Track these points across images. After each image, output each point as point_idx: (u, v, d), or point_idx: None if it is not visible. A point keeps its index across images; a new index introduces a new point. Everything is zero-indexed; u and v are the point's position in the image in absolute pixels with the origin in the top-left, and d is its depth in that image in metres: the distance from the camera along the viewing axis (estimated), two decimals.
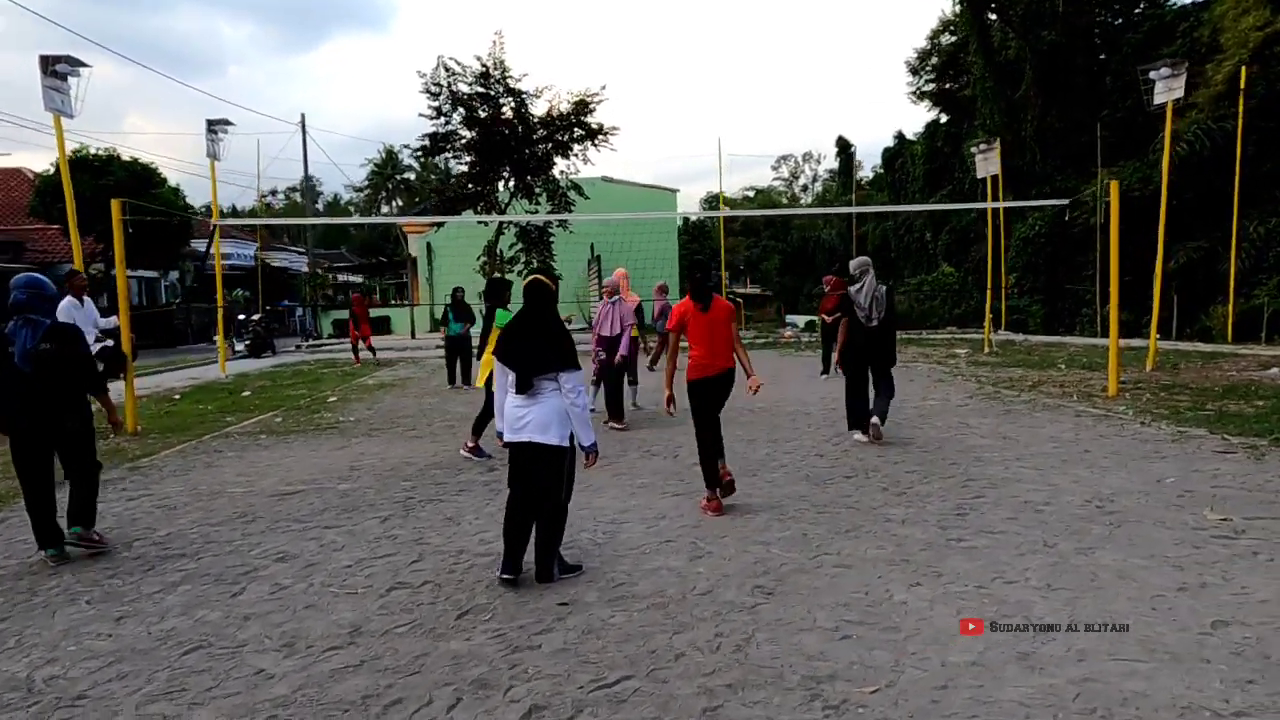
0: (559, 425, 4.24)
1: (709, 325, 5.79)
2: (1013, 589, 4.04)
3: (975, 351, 18.20)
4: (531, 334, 4.28)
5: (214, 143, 16.15)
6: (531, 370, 4.22)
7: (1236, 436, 7.51)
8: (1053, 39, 33.40)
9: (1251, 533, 4.77)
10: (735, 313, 6.01)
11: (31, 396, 4.84)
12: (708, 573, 4.42)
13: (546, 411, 4.24)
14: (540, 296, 4.36)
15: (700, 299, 5.77)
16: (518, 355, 4.26)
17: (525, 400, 4.28)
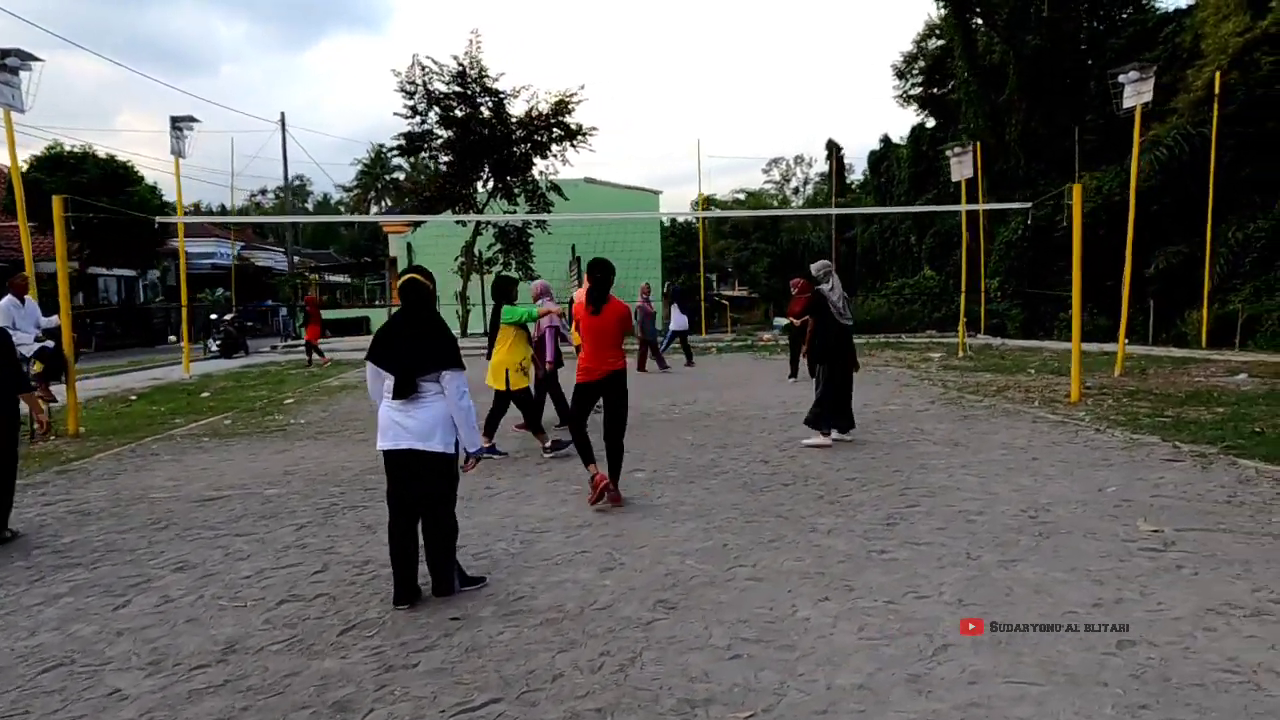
0: (443, 431, 4.04)
1: (598, 328, 5.72)
2: (923, 604, 3.89)
3: (950, 355, 18.11)
4: (410, 334, 4.04)
5: (179, 140, 15.92)
6: (413, 371, 4.00)
7: (1188, 444, 7.39)
8: (1037, 43, 33.40)
9: (1181, 545, 4.64)
10: (628, 317, 5.92)
11: None
12: (614, 586, 4.26)
13: (430, 416, 4.02)
14: (417, 295, 4.11)
15: (593, 301, 5.70)
16: (396, 357, 4.03)
17: (405, 405, 4.02)
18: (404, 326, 4.06)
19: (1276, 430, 7.77)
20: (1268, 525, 4.95)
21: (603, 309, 5.76)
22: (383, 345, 4.07)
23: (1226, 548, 4.56)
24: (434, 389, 4.05)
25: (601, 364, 5.75)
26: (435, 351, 4.02)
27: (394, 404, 4.02)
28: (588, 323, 5.78)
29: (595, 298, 5.76)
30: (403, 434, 4.00)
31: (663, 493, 6.21)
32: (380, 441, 4.06)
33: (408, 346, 4.02)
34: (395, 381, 3.99)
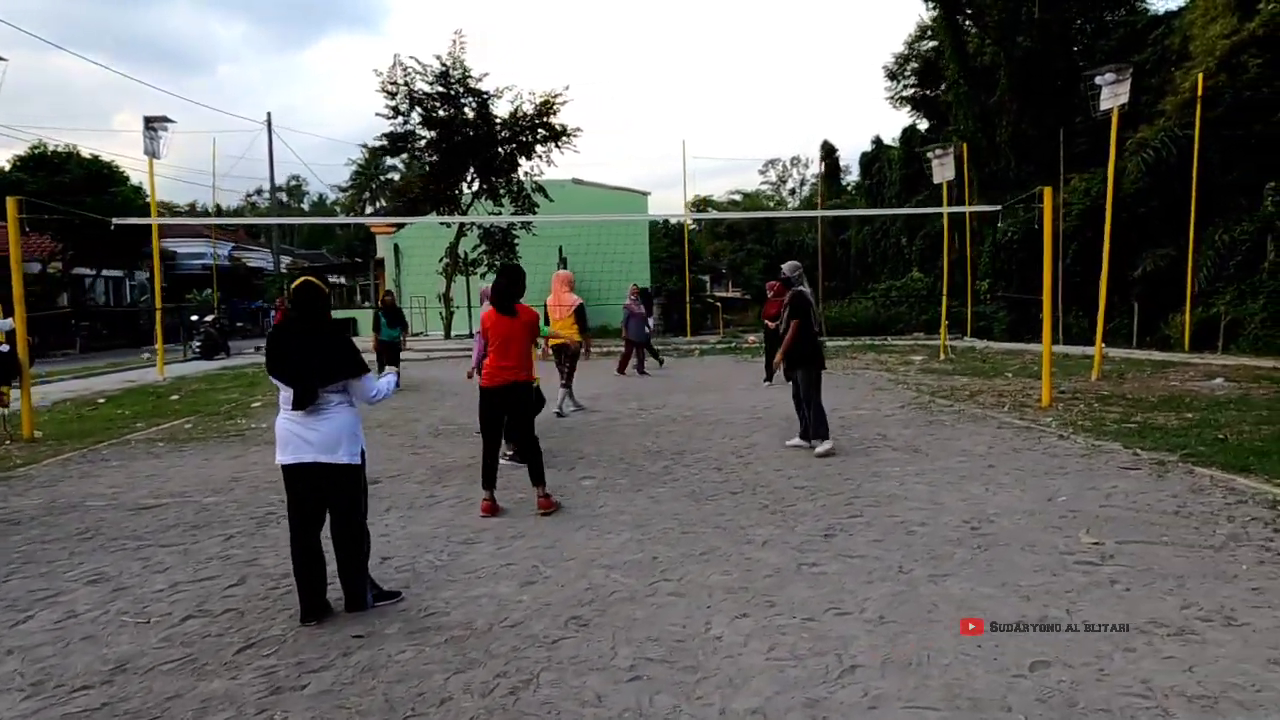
0: (349, 442, 3.92)
1: (507, 334, 5.69)
2: (841, 622, 3.78)
3: (931, 358, 17.99)
4: (307, 343, 3.86)
5: (152, 140, 15.80)
6: (315, 381, 3.85)
7: (1149, 451, 7.29)
8: (1028, 45, 33.35)
9: (1119, 558, 4.53)
10: (536, 326, 5.87)
11: None
12: (530, 601, 4.14)
13: (333, 428, 3.88)
14: (311, 300, 3.93)
15: (502, 306, 5.64)
16: (296, 368, 3.86)
17: (306, 417, 3.87)
18: (299, 335, 3.90)
19: (1240, 437, 7.67)
20: (1211, 538, 4.84)
21: (514, 314, 5.73)
22: (278, 356, 3.91)
23: (1165, 562, 4.45)
24: (337, 398, 3.93)
25: (506, 371, 5.70)
26: (336, 360, 3.89)
27: (293, 415, 3.89)
28: (498, 327, 5.73)
29: (503, 306, 5.71)
30: (305, 447, 3.87)
31: (606, 501, 6.10)
32: (280, 455, 3.93)
33: (306, 356, 3.85)
34: (295, 393, 3.85)
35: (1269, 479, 6.15)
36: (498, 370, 5.70)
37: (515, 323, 5.71)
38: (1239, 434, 7.86)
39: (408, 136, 22.67)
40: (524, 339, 5.74)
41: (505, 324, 5.71)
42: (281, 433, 3.91)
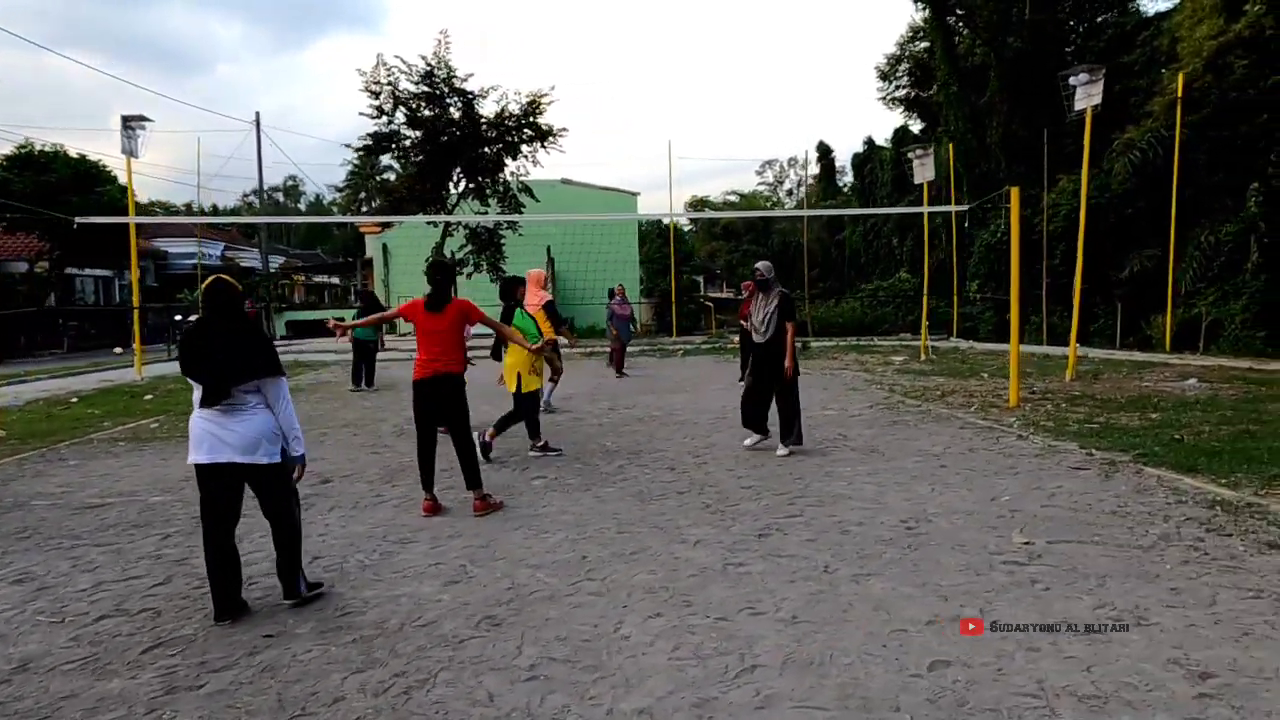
0: (269, 442, 3.91)
1: (432, 327, 5.76)
2: (753, 621, 3.77)
3: (912, 359, 17.98)
4: (222, 341, 3.85)
5: (130, 139, 15.77)
6: (229, 380, 3.83)
7: (1104, 451, 7.28)
8: (1018, 45, 33.37)
9: (1047, 558, 4.52)
10: (467, 318, 5.86)
11: None
12: (449, 601, 4.13)
13: (253, 428, 3.88)
14: (224, 299, 3.92)
15: (433, 302, 5.74)
16: (210, 364, 3.85)
17: (222, 417, 3.87)
18: (215, 335, 3.88)
19: (1198, 438, 7.66)
20: (1143, 538, 4.83)
21: (444, 309, 5.76)
22: (193, 353, 3.90)
23: (1091, 561, 4.44)
24: (254, 399, 3.92)
25: (435, 363, 5.75)
26: (254, 358, 3.88)
27: (209, 415, 3.88)
28: (423, 323, 5.78)
29: (435, 299, 5.75)
30: (221, 446, 3.86)
31: (552, 501, 6.08)
32: (194, 454, 3.92)
33: (223, 354, 3.84)
34: (206, 390, 3.84)
35: (1214, 479, 6.14)
36: (425, 363, 5.77)
37: (442, 317, 5.72)
38: (1198, 434, 7.85)
39: (392, 136, 22.63)
40: (451, 332, 5.75)
41: (431, 318, 5.74)
42: (197, 432, 3.89)
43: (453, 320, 5.76)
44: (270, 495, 3.98)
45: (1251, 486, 5.91)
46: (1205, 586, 4.03)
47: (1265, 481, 6.00)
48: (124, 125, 15.69)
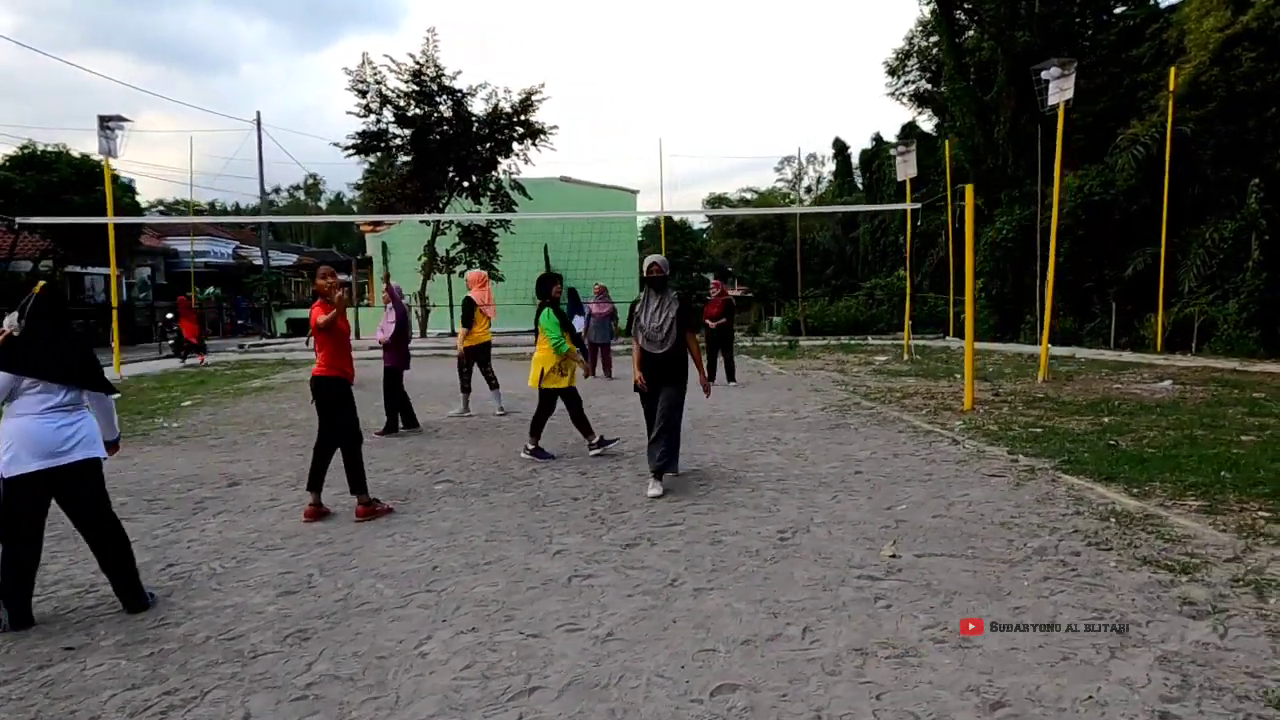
0: (99, 436, 4.07)
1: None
2: (565, 639, 3.63)
3: (896, 359, 17.69)
4: (61, 345, 3.94)
5: (108, 140, 15.90)
6: (74, 379, 3.95)
7: (1031, 457, 7.05)
8: (1026, 39, 32.77)
9: (907, 573, 4.34)
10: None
11: None
12: (274, 612, 4.04)
13: (91, 425, 4.02)
14: (53, 306, 4.00)
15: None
16: (57, 364, 3.90)
17: (65, 415, 3.91)
18: (53, 337, 3.94)
19: (1137, 444, 7.41)
20: (1019, 551, 4.64)
21: None
22: (34, 354, 3.88)
23: (950, 577, 4.26)
24: (76, 403, 3.96)
25: (329, 366, 5.73)
26: (91, 372, 4.02)
27: (28, 420, 3.84)
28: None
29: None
30: (35, 455, 3.83)
31: (440, 507, 5.99)
32: (11, 465, 3.85)
33: (66, 356, 3.93)
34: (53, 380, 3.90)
35: (1128, 488, 5.91)
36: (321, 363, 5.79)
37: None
38: (1139, 440, 7.60)
39: (381, 135, 22.69)
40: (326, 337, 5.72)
41: None
42: (43, 434, 3.85)
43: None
44: (95, 493, 4.10)
45: (1161, 496, 5.68)
46: (1050, 606, 3.84)
47: (1179, 491, 5.77)
48: (101, 125, 15.81)
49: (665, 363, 6.31)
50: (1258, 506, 5.33)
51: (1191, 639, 3.46)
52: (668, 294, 6.44)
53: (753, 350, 21.23)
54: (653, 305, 6.38)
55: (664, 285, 6.48)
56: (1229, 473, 6.16)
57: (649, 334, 6.32)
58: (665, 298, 6.40)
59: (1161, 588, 4.02)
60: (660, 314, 6.32)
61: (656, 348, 6.29)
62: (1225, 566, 4.29)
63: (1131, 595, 3.94)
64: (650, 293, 6.44)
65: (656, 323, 6.31)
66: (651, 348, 6.32)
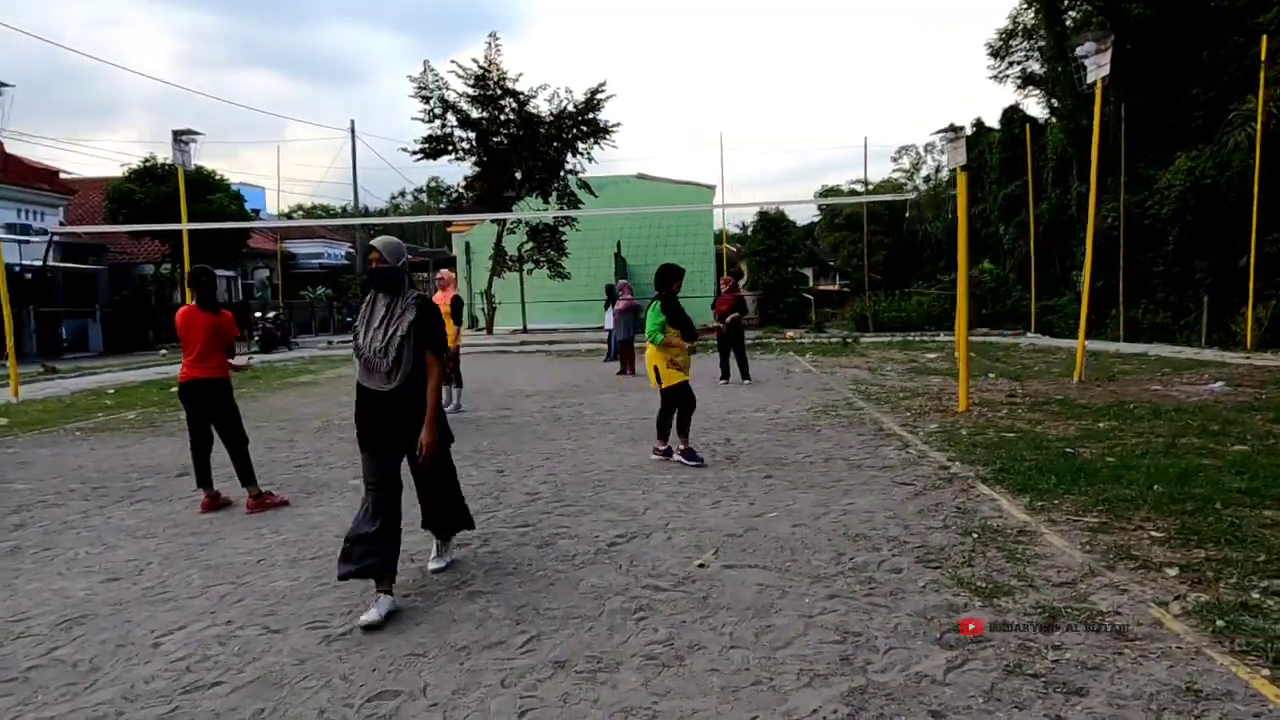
0: None
1: (199, 331, 5.92)
2: (304, 634, 3.69)
3: (945, 357, 16.75)
4: None
5: (182, 153, 17.17)
6: None
7: (970, 464, 6.56)
8: (1140, 12, 30.30)
9: (696, 585, 4.15)
10: (228, 327, 6.05)
11: None
12: (79, 598, 4.29)
13: None
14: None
15: (203, 305, 5.96)
16: None
17: None
18: None
19: (1103, 454, 6.76)
20: (840, 565, 4.35)
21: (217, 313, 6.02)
22: None
23: (738, 591, 4.04)
24: None
25: (195, 368, 5.98)
26: None
27: None
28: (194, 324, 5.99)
29: (204, 302, 5.96)
30: None
31: (334, 502, 6.17)
32: None
33: None
34: None
35: (1032, 501, 5.41)
36: (185, 367, 6.01)
37: (210, 321, 5.91)
38: (1114, 448, 6.93)
39: (447, 139, 23.47)
40: (217, 335, 5.94)
41: (201, 321, 5.93)
42: None
43: (214, 326, 5.96)
44: None
45: (1064, 511, 5.17)
46: (801, 626, 3.59)
47: (1088, 506, 5.24)
48: (175, 140, 17.10)
49: (392, 407, 4.04)
50: (1155, 526, 4.77)
51: (914, 670, 3.15)
52: (402, 298, 4.08)
53: (801, 347, 20.61)
54: (377, 315, 4.07)
55: (396, 285, 4.10)
56: (1164, 487, 5.53)
57: (367, 359, 4.03)
58: (397, 304, 4.06)
59: (945, 612, 3.68)
60: (385, 329, 4.01)
61: (378, 381, 4.03)
62: (1047, 591, 3.88)
63: (904, 619, 3.62)
64: (376, 297, 4.13)
65: (378, 343, 4.00)
66: (371, 381, 4.06)
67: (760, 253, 38.80)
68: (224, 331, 5.99)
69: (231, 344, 6.12)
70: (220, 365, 6.02)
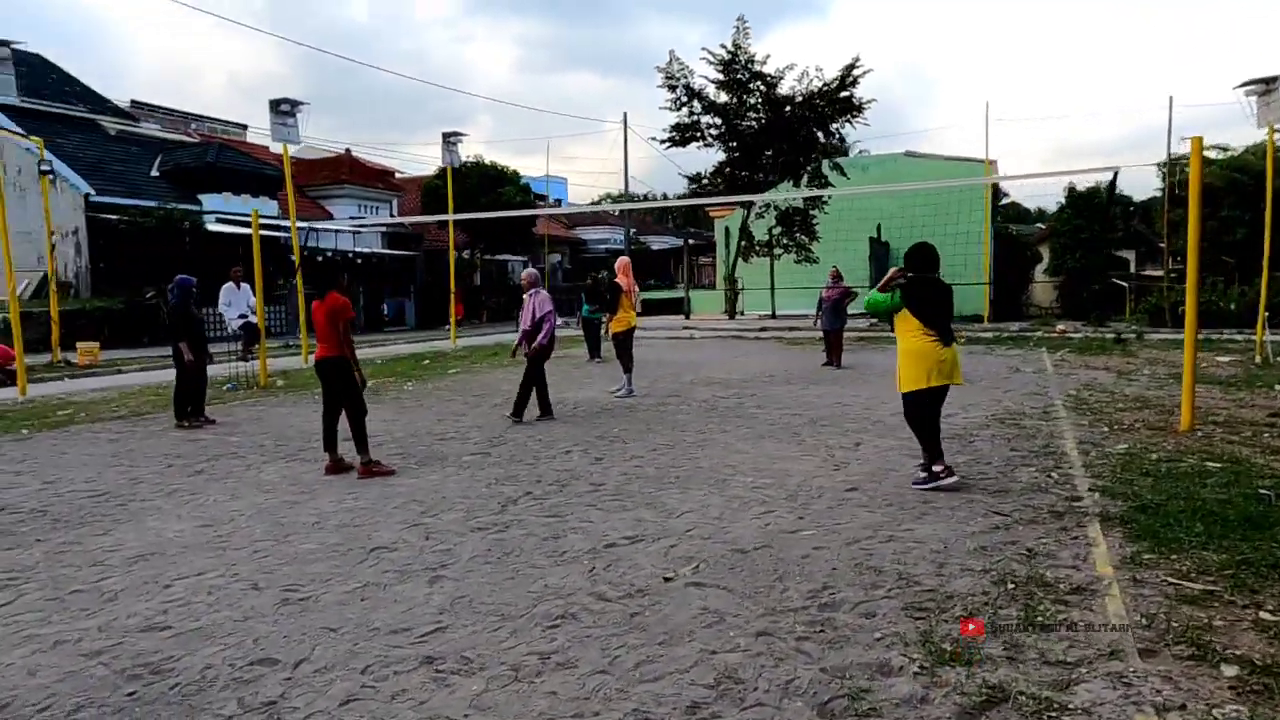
0: None
1: (317, 317, 6.67)
2: (252, 596, 4.10)
3: (1238, 363, 13.65)
4: None
5: (451, 153, 19.33)
6: None
7: (1107, 499, 5.37)
8: None
9: (638, 599, 3.92)
10: (341, 312, 6.54)
11: None
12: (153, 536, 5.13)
13: None
14: None
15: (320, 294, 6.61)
16: None
17: None
18: None
19: None
20: (813, 599, 3.84)
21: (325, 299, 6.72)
22: None
23: (675, 612, 3.75)
24: None
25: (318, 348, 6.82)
26: None
27: None
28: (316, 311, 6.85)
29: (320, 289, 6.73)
30: None
31: (428, 475, 6.67)
32: None
33: None
34: None
35: (1136, 554, 4.31)
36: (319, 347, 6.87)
37: (319, 308, 6.66)
38: None
39: (694, 127, 23.76)
40: (330, 322, 6.63)
41: (321, 308, 6.70)
42: None
43: (325, 312, 6.69)
44: None
45: (1164, 570, 4.06)
46: (679, 661, 3.24)
47: (1202, 569, 4.06)
48: (444, 141, 19.29)
49: None
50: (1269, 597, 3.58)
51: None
52: None
53: (1065, 342, 17.93)
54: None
55: None
56: None
57: None
58: None
59: (867, 673, 3.10)
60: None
61: None
62: (1025, 669, 3.11)
63: (809, 674, 3.12)
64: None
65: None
66: None
67: (1066, 234, 34.33)
68: (335, 316, 6.66)
69: (346, 325, 6.73)
70: (337, 345, 6.69)
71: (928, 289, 5.87)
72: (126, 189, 25.73)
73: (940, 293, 5.92)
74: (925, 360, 5.74)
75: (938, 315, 5.81)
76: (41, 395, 12.13)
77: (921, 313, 5.77)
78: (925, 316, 5.77)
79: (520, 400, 9.21)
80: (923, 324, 5.76)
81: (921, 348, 5.75)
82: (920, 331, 5.76)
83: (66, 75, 30.29)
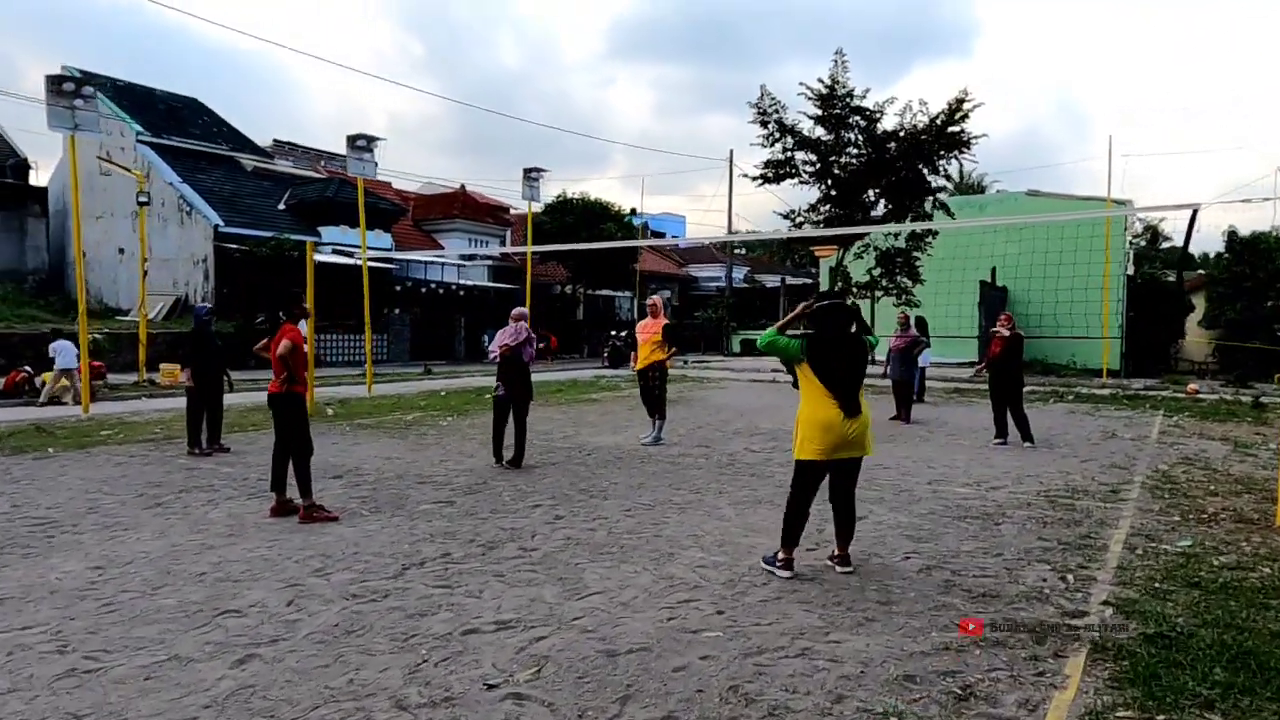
0: None
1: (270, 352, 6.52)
2: None
3: None
4: None
5: (531, 188, 19.36)
6: None
7: (1124, 617, 4.23)
8: None
9: (432, 710, 3.24)
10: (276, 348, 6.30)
11: None
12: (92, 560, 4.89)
13: None
14: None
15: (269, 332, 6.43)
16: None
17: None
18: None
19: None
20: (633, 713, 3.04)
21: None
22: None
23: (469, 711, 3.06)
24: None
25: None
26: None
27: None
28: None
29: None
30: None
31: (348, 520, 6.23)
32: None
33: None
34: None
35: (1124, 699, 3.27)
36: None
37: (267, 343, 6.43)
38: None
39: (788, 163, 22.82)
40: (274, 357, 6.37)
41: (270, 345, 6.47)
42: None
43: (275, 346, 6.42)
44: None
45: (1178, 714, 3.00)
46: None
47: None
48: (525, 176, 19.34)
49: None
50: None
51: None
52: None
53: (1193, 406, 15.67)
54: None
55: None
56: None
57: None
58: None
59: None
60: None
61: None
62: None
63: None
64: None
65: None
66: None
67: (1224, 281, 30.96)
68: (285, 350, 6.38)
69: (285, 360, 6.39)
70: (281, 380, 6.40)
71: (840, 346, 4.96)
72: (253, 220, 27.47)
73: (853, 350, 4.99)
74: (827, 433, 4.85)
75: (847, 379, 4.90)
76: (104, 413, 12.70)
77: (825, 373, 4.87)
78: (829, 378, 4.86)
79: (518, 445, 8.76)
80: (826, 387, 4.86)
81: (823, 417, 4.86)
82: (823, 396, 4.86)
83: (216, 117, 32.90)
